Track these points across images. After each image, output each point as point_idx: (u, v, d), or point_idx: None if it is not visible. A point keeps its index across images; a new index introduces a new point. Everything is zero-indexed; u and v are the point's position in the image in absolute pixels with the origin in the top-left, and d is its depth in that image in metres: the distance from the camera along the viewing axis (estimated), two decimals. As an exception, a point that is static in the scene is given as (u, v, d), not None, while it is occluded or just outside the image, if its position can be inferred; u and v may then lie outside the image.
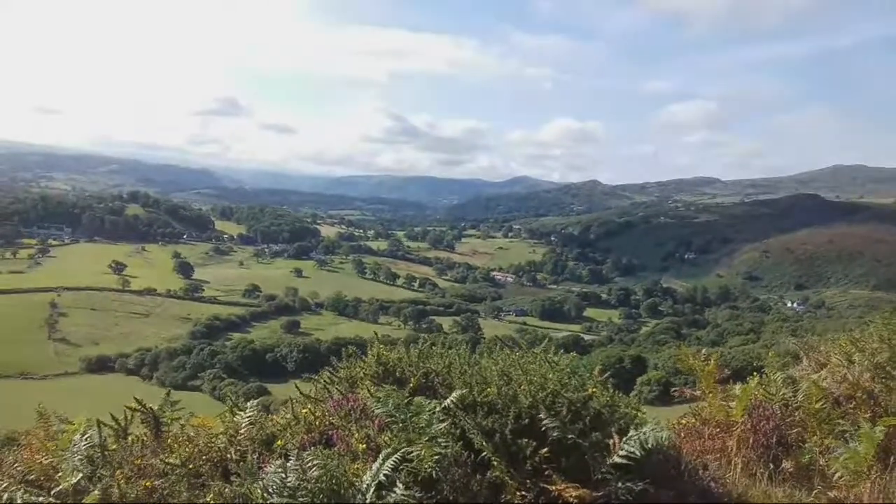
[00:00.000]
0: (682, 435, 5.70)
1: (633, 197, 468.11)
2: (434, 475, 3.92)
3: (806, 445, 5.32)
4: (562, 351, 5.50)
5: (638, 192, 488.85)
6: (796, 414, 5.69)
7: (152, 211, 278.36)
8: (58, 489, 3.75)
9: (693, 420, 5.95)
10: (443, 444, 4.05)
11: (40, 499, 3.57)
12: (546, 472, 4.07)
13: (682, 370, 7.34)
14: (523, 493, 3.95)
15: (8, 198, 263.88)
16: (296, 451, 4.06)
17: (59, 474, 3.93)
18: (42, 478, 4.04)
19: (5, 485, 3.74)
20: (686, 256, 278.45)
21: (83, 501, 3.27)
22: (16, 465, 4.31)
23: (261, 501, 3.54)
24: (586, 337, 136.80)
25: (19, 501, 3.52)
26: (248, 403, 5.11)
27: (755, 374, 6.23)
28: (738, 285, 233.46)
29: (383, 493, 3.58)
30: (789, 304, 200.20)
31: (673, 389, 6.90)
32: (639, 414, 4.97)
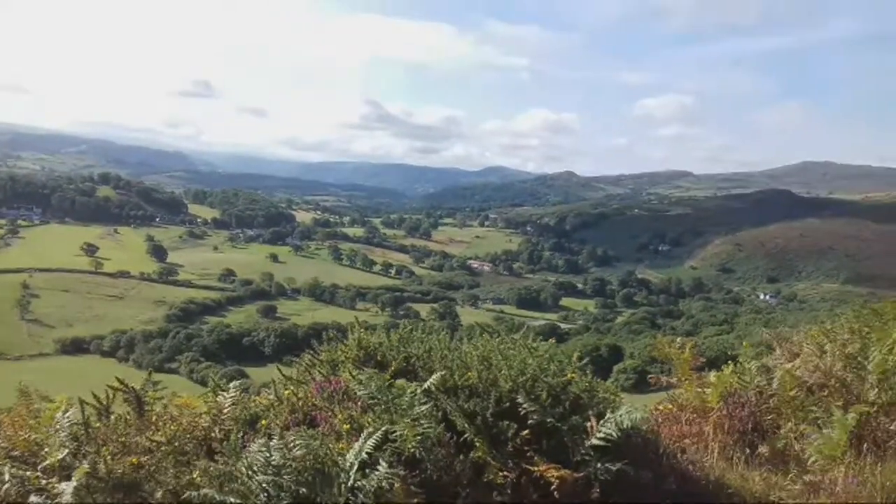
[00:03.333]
0: (660, 420, 5.80)
1: (608, 189, 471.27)
2: (417, 455, 3.97)
3: (781, 431, 5.44)
4: (540, 338, 5.56)
5: (613, 184, 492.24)
6: (771, 401, 5.81)
7: (124, 193, 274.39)
8: (44, 464, 3.75)
9: (670, 406, 6.06)
10: (425, 425, 4.10)
11: (28, 472, 3.57)
12: (528, 454, 4.13)
13: (658, 359, 7.45)
14: (505, 473, 4.01)
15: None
16: (279, 430, 4.10)
17: (45, 450, 3.93)
18: (27, 453, 4.02)
19: (-10, 460, 3.73)
20: (660, 248, 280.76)
21: (71, 475, 3.28)
22: (-1, 441, 4.30)
23: (246, 479, 3.57)
24: (563, 325, 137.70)
25: (7, 476, 3.52)
26: (231, 384, 5.13)
27: (730, 362, 6.35)
28: (711, 277, 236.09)
29: (367, 471, 3.62)
30: (762, 297, 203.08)
31: (649, 376, 6.99)
32: (616, 399, 5.05)
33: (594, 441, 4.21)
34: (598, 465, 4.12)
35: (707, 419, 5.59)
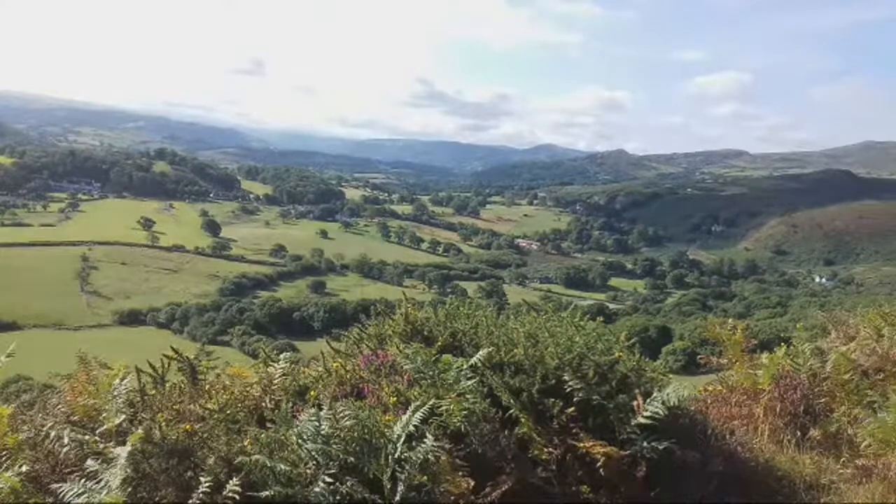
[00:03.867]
0: (709, 401, 5.73)
1: (660, 168, 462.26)
2: (463, 429, 4.01)
3: (834, 415, 5.34)
4: (588, 317, 5.53)
5: (665, 163, 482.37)
6: (824, 384, 5.70)
7: (179, 168, 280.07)
8: (101, 429, 3.89)
9: (720, 387, 5.98)
10: (471, 400, 4.13)
11: (86, 437, 3.71)
12: (573, 431, 4.14)
13: (708, 340, 7.35)
14: (550, 449, 4.02)
15: (37, 152, 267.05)
16: (328, 401, 4.17)
17: (103, 416, 4.07)
18: (85, 419, 4.18)
19: (51, 424, 3.89)
20: (713, 229, 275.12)
21: (127, 440, 3.40)
22: (59, 406, 4.47)
23: (295, 447, 3.65)
24: (611, 306, 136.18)
25: (66, 439, 3.66)
26: (281, 356, 5.23)
27: (783, 344, 6.23)
28: (765, 259, 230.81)
29: (413, 443, 3.66)
30: (817, 280, 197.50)
31: (699, 357, 6.91)
32: (664, 378, 5.01)
33: (641, 419, 4.19)
34: (645, 443, 4.10)
35: (757, 401, 5.51)
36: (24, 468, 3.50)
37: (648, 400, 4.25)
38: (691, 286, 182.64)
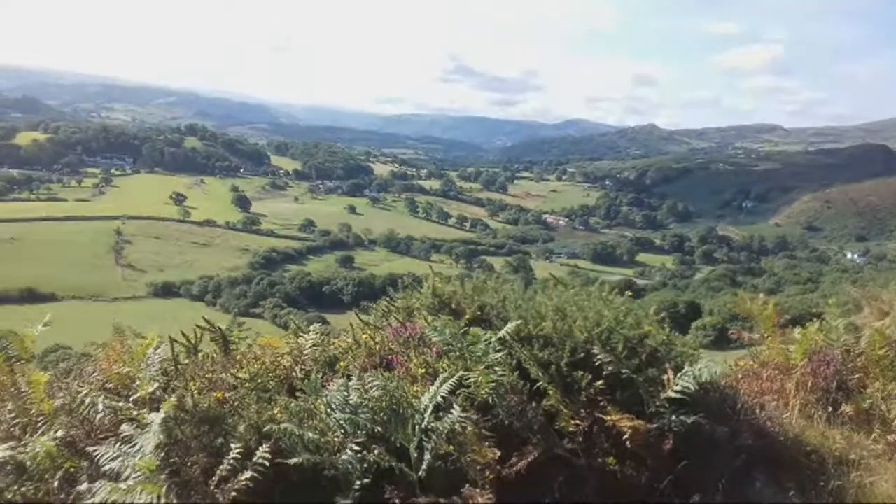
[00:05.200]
0: (740, 376, 5.68)
1: (692, 142, 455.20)
2: (490, 401, 4.03)
3: (867, 391, 5.26)
4: (616, 291, 5.50)
5: (697, 138, 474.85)
6: (858, 360, 5.61)
7: (210, 144, 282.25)
8: (135, 397, 3.98)
9: (751, 362, 5.92)
10: (499, 372, 4.14)
11: (120, 403, 3.80)
12: (601, 404, 4.13)
13: (739, 315, 7.28)
14: (577, 421, 4.03)
15: (71, 127, 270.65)
16: (357, 372, 4.22)
17: (136, 383, 4.16)
18: (119, 386, 4.27)
19: (87, 391, 3.98)
20: (744, 205, 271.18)
21: (160, 407, 3.47)
22: (95, 374, 4.57)
23: (324, 416, 3.70)
24: (639, 281, 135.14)
25: (101, 406, 3.75)
26: (312, 327, 5.29)
27: (815, 320, 6.15)
28: (796, 235, 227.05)
29: (441, 414, 3.69)
30: (849, 256, 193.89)
31: (731, 332, 6.85)
32: (695, 353, 4.97)
33: (670, 393, 4.17)
34: (673, 417, 4.09)
35: (789, 376, 5.45)
36: (59, 433, 3.60)
37: (679, 374, 4.23)
38: (720, 262, 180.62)
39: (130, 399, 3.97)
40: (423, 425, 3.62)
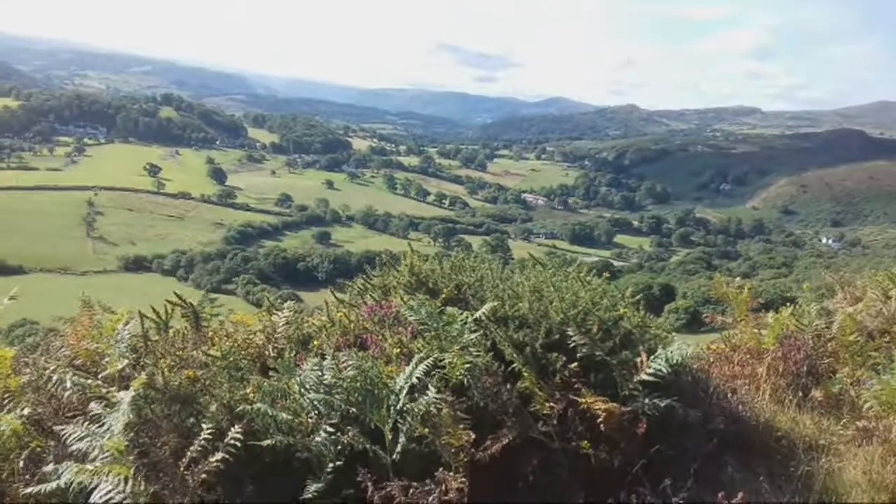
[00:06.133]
0: (712, 360, 5.73)
1: (671, 124, 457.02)
2: (465, 382, 4.01)
3: (837, 376, 5.33)
4: (594, 272, 5.50)
5: (676, 119, 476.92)
6: (829, 345, 5.68)
7: (185, 115, 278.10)
8: (104, 374, 3.91)
9: (723, 346, 5.96)
10: (474, 353, 4.12)
11: (88, 381, 3.73)
12: (575, 386, 4.13)
13: (712, 298, 7.33)
14: (552, 404, 4.02)
15: (44, 94, 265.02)
16: (331, 351, 4.17)
17: (105, 360, 4.08)
18: (88, 363, 4.20)
19: (54, 367, 3.89)
20: (721, 187, 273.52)
21: (130, 385, 3.41)
22: (62, 349, 4.48)
23: (298, 396, 3.66)
24: (616, 263, 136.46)
25: (69, 383, 3.68)
26: (285, 305, 5.23)
27: (789, 304, 6.20)
28: (772, 219, 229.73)
29: (416, 395, 3.67)
30: (824, 241, 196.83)
31: (704, 315, 6.89)
32: (668, 336, 4.99)
33: (643, 376, 4.18)
34: (647, 400, 4.10)
35: (761, 361, 5.50)
36: (26, 411, 3.53)
37: (652, 357, 4.24)
38: (697, 245, 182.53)
39: (99, 376, 3.90)
40: (398, 407, 3.60)
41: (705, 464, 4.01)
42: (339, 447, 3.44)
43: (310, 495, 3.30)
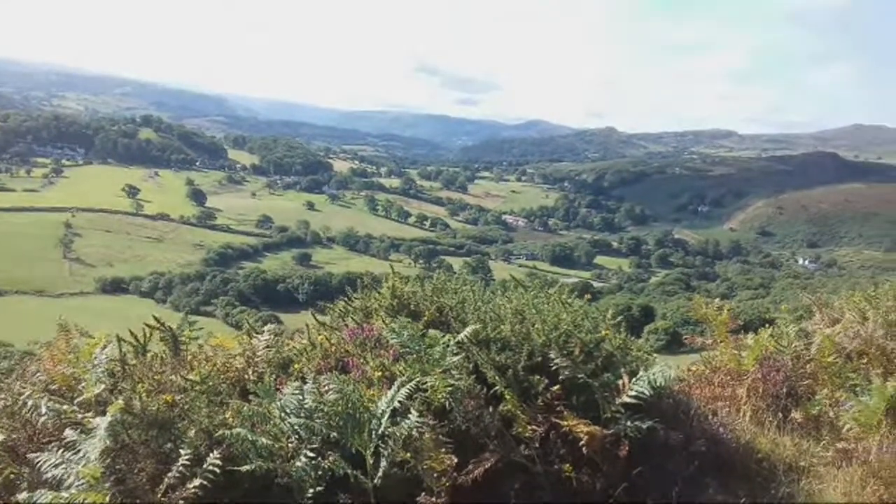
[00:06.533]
0: (692, 382, 5.75)
1: (649, 146, 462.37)
2: (447, 405, 3.99)
3: (816, 397, 5.36)
4: (575, 294, 5.51)
5: (654, 142, 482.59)
6: (808, 366, 5.72)
7: (165, 136, 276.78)
8: (80, 399, 3.84)
9: (703, 368, 5.99)
10: (456, 376, 4.11)
11: (64, 406, 3.66)
12: (557, 409, 4.12)
13: (691, 320, 7.38)
14: (534, 427, 4.01)
15: (21, 115, 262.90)
16: (312, 375, 4.14)
17: (82, 385, 4.02)
18: (64, 388, 4.13)
19: (29, 392, 3.83)
20: (699, 209, 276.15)
21: (107, 411, 3.35)
22: (38, 374, 4.40)
23: (278, 420, 3.62)
24: (596, 284, 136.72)
25: (44, 409, 3.61)
26: (265, 328, 5.18)
27: (768, 325, 6.25)
28: (750, 240, 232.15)
29: (398, 419, 3.64)
30: (801, 262, 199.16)
31: (684, 336, 6.92)
32: (649, 358, 5.00)
33: (625, 399, 4.18)
34: (629, 422, 4.10)
35: (741, 382, 5.53)
36: (0, 437, 3.45)
37: (634, 379, 4.24)
38: (676, 266, 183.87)
39: (75, 401, 3.84)
40: (379, 431, 3.57)
41: (686, 486, 4.01)
42: (320, 472, 3.40)
43: (290, 521, 3.25)
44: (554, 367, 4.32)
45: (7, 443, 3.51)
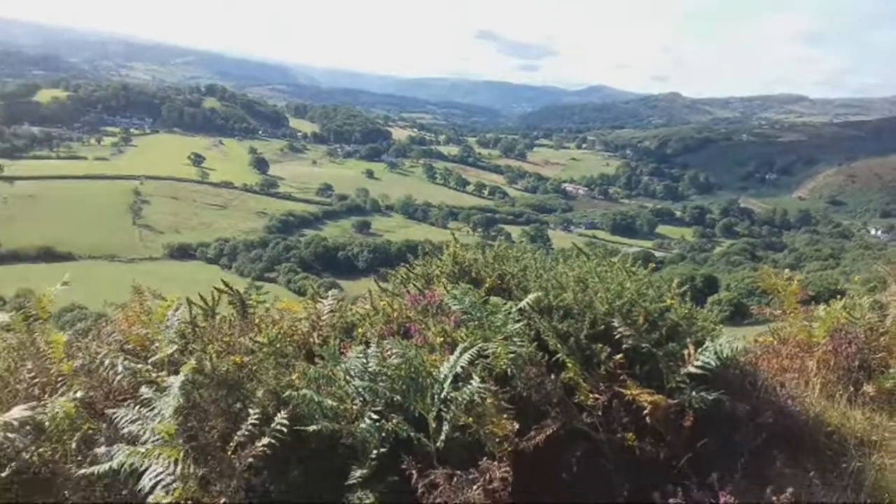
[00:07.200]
0: (759, 353, 5.61)
1: (715, 112, 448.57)
2: (509, 372, 3.99)
3: (890, 371, 5.18)
4: (639, 263, 5.44)
5: (721, 108, 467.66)
6: (882, 339, 5.52)
7: (228, 105, 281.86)
8: (154, 358, 3.98)
9: (771, 339, 5.84)
10: (518, 343, 4.10)
11: (139, 365, 3.80)
12: (620, 378, 4.09)
13: (757, 290, 7.20)
14: (596, 395, 3.99)
15: (91, 85, 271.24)
16: (376, 339, 4.20)
17: (155, 345, 4.16)
18: (138, 348, 4.28)
19: (105, 351, 3.98)
20: (767, 177, 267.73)
21: (179, 370, 3.46)
22: (113, 334, 4.58)
23: (343, 383, 3.69)
24: (657, 253, 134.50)
25: (120, 367, 3.76)
26: (329, 293, 5.27)
27: (839, 296, 6.05)
28: (819, 209, 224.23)
29: (459, 384, 3.66)
30: (873, 232, 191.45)
31: (752, 307, 6.76)
32: (716, 328, 4.90)
33: (691, 369, 4.12)
34: (694, 393, 4.04)
35: (811, 354, 5.37)
36: (78, 394, 3.61)
37: (700, 349, 4.17)
38: (741, 235, 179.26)
39: (149, 361, 3.97)
40: (441, 395, 3.59)
41: (753, 458, 3.94)
42: (384, 434, 3.46)
43: (354, 481, 3.32)
44: (617, 336, 4.28)
45: (86, 399, 3.65)
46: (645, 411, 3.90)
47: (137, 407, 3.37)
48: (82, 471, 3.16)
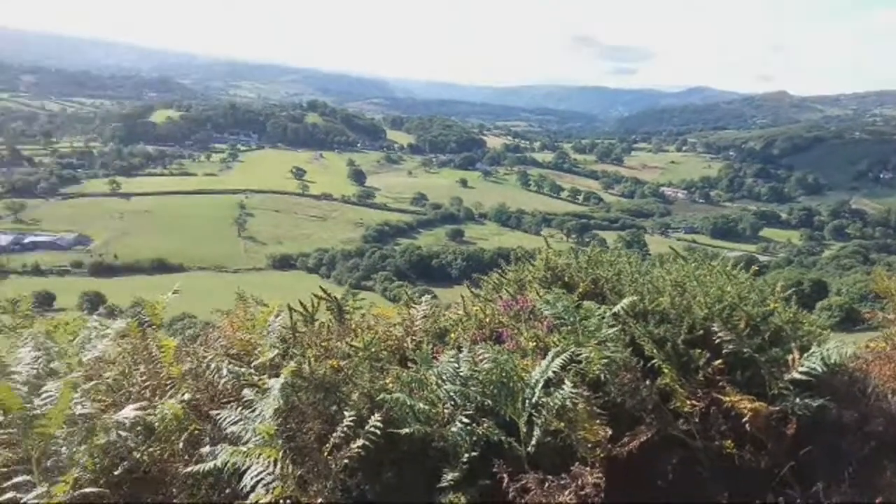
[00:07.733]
0: (870, 359, 5.31)
1: (826, 110, 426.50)
2: (602, 377, 3.94)
3: None
4: (740, 266, 5.26)
5: (831, 105, 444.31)
6: None
7: (329, 119, 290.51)
8: (256, 363, 4.15)
9: (884, 344, 5.52)
10: (612, 348, 4.05)
11: (242, 369, 3.98)
12: (719, 384, 3.97)
13: (871, 295, 6.83)
14: (693, 402, 3.88)
15: (202, 105, 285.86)
16: (468, 344, 4.24)
17: (258, 350, 4.35)
18: (242, 352, 4.48)
19: (212, 356, 4.19)
20: (881, 176, 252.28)
21: (279, 374, 3.61)
22: (219, 339, 4.81)
23: (435, 387, 3.74)
24: (762, 257, 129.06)
25: (224, 371, 3.95)
26: (423, 298, 5.36)
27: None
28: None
29: (551, 389, 3.65)
30: None
31: (865, 312, 6.42)
32: (823, 333, 4.69)
33: (795, 375, 3.95)
34: (797, 399, 3.87)
35: (928, 361, 5.05)
36: (186, 396, 3.82)
37: (806, 355, 3.99)
38: (852, 237, 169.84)
39: (252, 365, 4.14)
40: (532, 400, 3.59)
41: (861, 467, 3.74)
42: (475, 438, 3.48)
43: (446, 483, 3.36)
44: (716, 341, 4.15)
45: (192, 401, 3.86)
46: (745, 418, 3.78)
47: (240, 408, 3.52)
48: (189, 469, 3.34)
